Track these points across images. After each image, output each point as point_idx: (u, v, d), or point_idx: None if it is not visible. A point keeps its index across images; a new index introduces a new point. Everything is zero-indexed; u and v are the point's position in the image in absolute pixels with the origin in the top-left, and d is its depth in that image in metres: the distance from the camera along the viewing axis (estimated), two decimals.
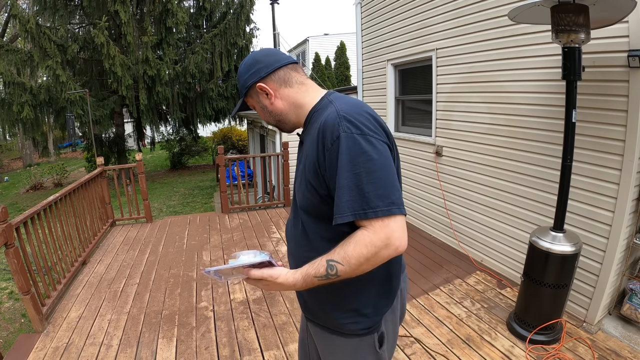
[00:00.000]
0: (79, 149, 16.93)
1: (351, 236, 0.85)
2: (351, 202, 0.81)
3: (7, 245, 2.34)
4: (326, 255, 0.87)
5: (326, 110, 0.93)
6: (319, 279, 0.87)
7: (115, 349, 2.30)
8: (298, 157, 1.09)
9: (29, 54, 9.32)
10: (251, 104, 1.07)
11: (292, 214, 1.09)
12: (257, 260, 0.90)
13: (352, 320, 0.99)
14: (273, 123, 1.07)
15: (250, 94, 1.03)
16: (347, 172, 0.82)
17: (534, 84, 2.62)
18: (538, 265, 2.19)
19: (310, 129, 0.98)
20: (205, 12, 11.38)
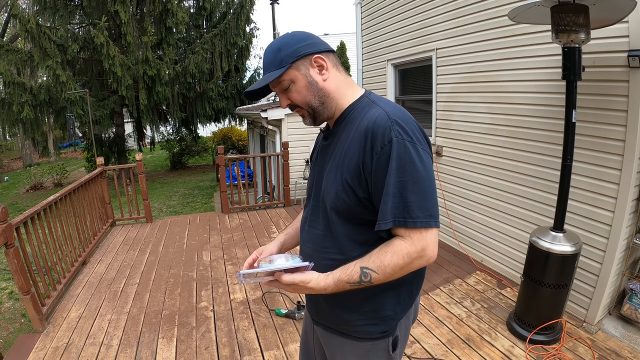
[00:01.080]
0: (79, 149, 16.93)
1: (387, 245, 0.85)
2: (394, 209, 0.82)
3: (7, 245, 2.34)
4: (359, 261, 0.86)
5: (370, 110, 0.90)
6: (351, 284, 0.86)
7: (115, 349, 2.30)
8: (322, 153, 1.01)
9: (29, 54, 9.33)
10: (291, 78, 0.91)
11: (310, 214, 1.03)
12: (294, 265, 0.87)
13: (369, 322, 0.97)
14: (314, 105, 0.94)
15: (298, 65, 0.91)
16: (395, 179, 0.82)
17: (534, 84, 2.62)
18: (538, 265, 2.19)
19: (346, 125, 0.94)
20: (205, 12, 11.39)
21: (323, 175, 0.97)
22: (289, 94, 0.94)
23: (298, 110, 0.96)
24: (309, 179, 1.10)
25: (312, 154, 1.15)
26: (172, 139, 13.43)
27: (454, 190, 3.54)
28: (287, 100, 0.95)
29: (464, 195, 3.43)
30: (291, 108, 0.97)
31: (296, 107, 0.96)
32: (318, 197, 0.99)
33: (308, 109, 0.95)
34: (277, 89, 0.95)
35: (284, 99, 0.96)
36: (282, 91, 0.94)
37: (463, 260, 3.36)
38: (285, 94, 0.95)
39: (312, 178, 1.06)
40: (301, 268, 0.89)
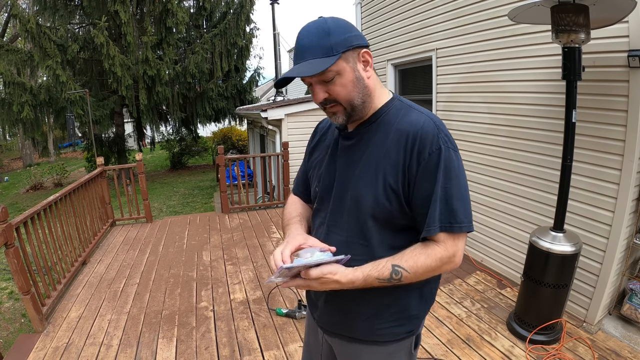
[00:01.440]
0: (79, 149, 16.93)
1: (422, 246, 0.86)
2: (441, 215, 0.83)
3: (7, 245, 2.34)
4: (390, 259, 0.84)
5: (410, 114, 0.88)
6: (380, 281, 0.84)
7: (115, 349, 2.30)
8: (343, 154, 0.95)
9: (29, 54, 9.33)
10: (338, 69, 0.82)
11: (329, 219, 0.96)
12: (335, 258, 0.82)
13: (395, 324, 0.95)
14: (355, 103, 0.86)
15: (347, 57, 0.82)
16: (442, 186, 0.84)
17: (534, 84, 2.62)
18: (538, 265, 2.19)
19: (380, 127, 0.90)
20: (205, 12, 11.39)
21: (349, 178, 0.91)
22: (330, 86, 0.83)
23: (332, 106, 0.87)
24: (319, 180, 1.00)
25: (314, 152, 1.07)
26: (172, 139, 13.42)
27: None
28: (325, 93, 0.84)
29: None
30: (324, 103, 0.87)
31: (331, 102, 0.86)
32: (342, 201, 0.92)
33: (347, 106, 0.86)
34: (315, 79, 0.83)
35: (321, 91, 0.84)
36: (321, 82, 0.83)
37: (463, 260, 3.34)
38: (324, 86, 0.84)
39: (328, 179, 0.97)
40: (340, 261, 0.83)
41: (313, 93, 0.86)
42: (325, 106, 0.88)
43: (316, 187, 1.01)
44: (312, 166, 1.06)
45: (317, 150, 1.06)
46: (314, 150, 1.08)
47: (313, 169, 1.05)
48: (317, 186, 1.01)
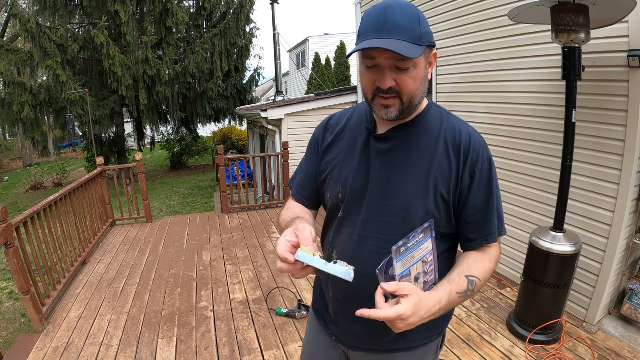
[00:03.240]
0: (79, 149, 16.93)
1: (479, 253, 0.87)
2: (497, 223, 0.88)
3: (7, 245, 2.34)
4: (458, 271, 0.81)
5: (450, 122, 0.87)
6: (460, 295, 0.78)
7: (115, 349, 2.30)
8: (378, 159, 0.87)
9: (29, 54, 9.33)
10: (418, 61, 0.76)
11: (363, 228, 0.87)
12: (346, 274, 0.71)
13: (429, 326, 0.84)
14: (416, 100, 0.81)
15: (426, 52, 0.77)
16: (494, 196, 0.87)
17: (534, 84, 2.62)
18: (538, 265, 2.19)
19: (423, 132, 0.86)
20: (205, 12, 11.39)
21: (392, 185, 0.85)
22: (402, 76, 0.76)
23: (391, 97, 0.78)
24: (344, 183, 0.90)
25: (329, 152, 0.96)
26: (172, 139, 13.42)
27: None
28: (393, 81, 0.76)
29: None
30: (386, 92, 0.78)
31: (393, 93, 0.78)
32: (381, 209, 0.85)
33: (406, 101, 0.79)
34: (392, 62, 0.74)
35: (390, 77, 0.76)
36: (394, 68, 0.75)
37: None
38: (394, 73, 0.76)
39: (359, 184, 0.88)
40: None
41: (382, 76, 0.76)
42: (382, 95, 0.79)
43: (339, 192, 0.91)
44: (330, 167, 0.94)
45: (333, 149, 0.95)
46: (329, 149, 0.96)
47: (331, 170, 0.94)
48: (340, 191, 0.90)
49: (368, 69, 0.78)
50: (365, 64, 0.78)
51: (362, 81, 0.82)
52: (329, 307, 0.99)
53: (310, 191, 1.01)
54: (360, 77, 0.82)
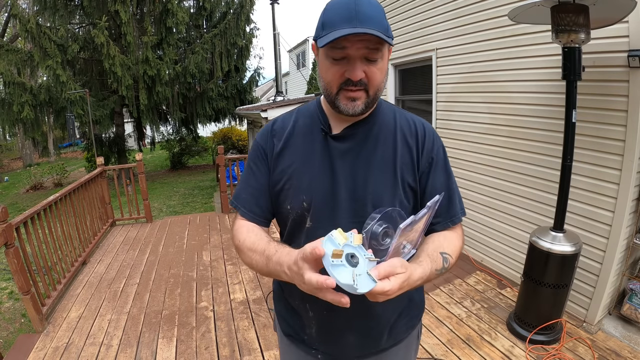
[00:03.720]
0: (79, 149, 16.93)
1: (448, 233, 0.89)
2: (459, 203, 0.93)
3: (7, 245, 2.34)
4: (432, 249, 0.80)
5: (401, 113, 0.91)
6: (437, 272, 0.77)
7: (115, 349, 2.30)
8: (340, 158, 0.85)
9: (29, 54, 9.33)
10: (384, 53, 0.77)
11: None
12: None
13: (410, 315, 0.97)
14: (379, 92, 0.81)
15: (388, 45, 0.77)
16: (452, 178, 0.92)
17: (534, 84, 2.62)
18: (538, 265, 2.19)
19: (381, 126, 0.87)
20: (205, 12, 11.38)
21: (362, 184, 0.83)
22: (371, 67, 0.76)
23: (358, 90, 0.77)
24: (308, 191, 0.85)
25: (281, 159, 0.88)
26: (172, 139, 13.42)
27: None
28: (363, 73, 0.76)
29: (463, 195, 3.39)
30: (356, 84, 0.77)
31: (361, 85, 0.77)
32: (357, 210, 0.83)
33: (372, 94, 0.79)
34: (364, 52, 0.74)
35: (360, 69, 0.75)
36: (364, 59, 0.75)
37: (463, 260, 3.36)
38: (364, 65, 0.75)
39: (326, 188, 0.84)
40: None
41: (352, 67, 0.75)
42: (350, 88, 0.77)
43: (303, 200, 0.84)
44: (286, 176, 0.87)
45: (286, 155, 0.88)
46: (280, 156, 0.88)
47: (288, 179, 0.86)
48: (304, 199, 0.84)
49: (335, 62, 0.76)
50: (333, 56, 0.75)
51: (326, 75, 0.79)
52: (311, 327, 0.92)
53: (264, 207, 0.91)
54: (324, 71, 0.79)
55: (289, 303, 0.97)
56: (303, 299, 0.91)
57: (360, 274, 0.58)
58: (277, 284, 1.03)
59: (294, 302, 0.95)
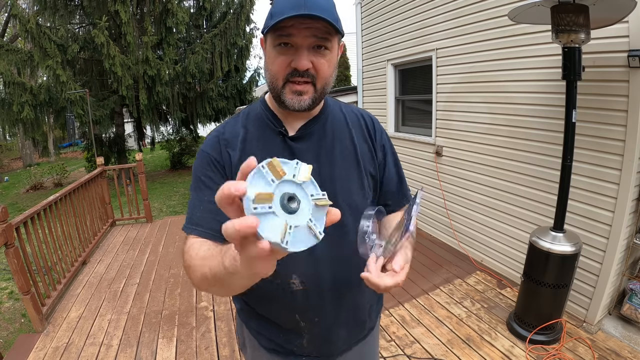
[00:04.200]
0: (79, 149, 16.93)
1: (394, 216, 0.91)
2: (406, 188, 0.98)
3: (7, 245, 2.34)
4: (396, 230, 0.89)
5: (345, 106, 0.94)
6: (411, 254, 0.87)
7: (115, 349, 2.30)
8: (309, 157, 0.82)
9: (29, 54, 9.32)
10: (333, 45, 0.75)
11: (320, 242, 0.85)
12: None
13: (377, 298, 1.02)
14: (327, 87, 0.79)
15: (338, 38, 0.76)
16: (399, 164, 0.97)
17: (534, 84, 2.62)
18: (538, 265, 2.19)
19: (333, 122, 0.86)
20: (205, 12, 11.38)
21: (331, 184, 0.82)
22: (319, 58, 0.73)
23: (305, 83, 0.74)
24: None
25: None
26: (172, 139, 13.41)
27: (454, 190, 3.54)
28: (310, 63, 0.73)
29: (464, 195, 3.42)
30: (299, 75, 0.73)
31: (307, 77, 0.74)
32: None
33: (319, 88, 0.77)
34: (311, 41, 0.71)
35: (306, 59, 0.72)
36: (311, 49, 0.72)
37: (463, 260, 3.35)
38: (312, 55, 0.73)
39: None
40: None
41: (299, 56, 0.72)
42: (296, 79, 0.74)
43: None
44: None
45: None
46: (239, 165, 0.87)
47: None
48: None
49: (281, 52, 0.73)
50: (279, 42, 0.72)
51: (272, 66, 0.75)
52: (302, 337, 0.88)
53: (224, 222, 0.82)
54: (270, 62, 0.75)
55: (264, 317, 0.90)
56: (292, 310, 0.85)
57: (298, 226, 0.40)
58: (240, 301, 0.95)
59: (273, 315, 0.89)
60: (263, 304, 0.89)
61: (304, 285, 0.82)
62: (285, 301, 0.84)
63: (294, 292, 0.82)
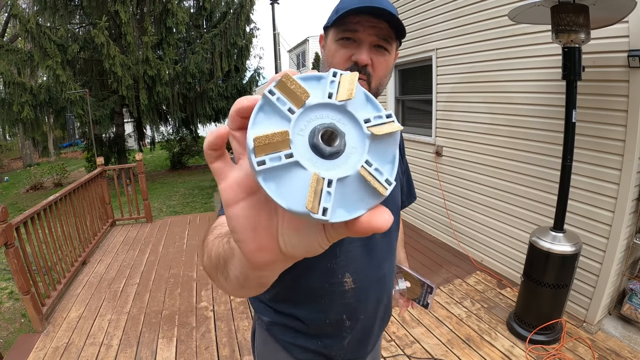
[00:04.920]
0: (79, 149, 16.93)
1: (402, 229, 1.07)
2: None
3: (7, 245, 2.34)
4: (400, 243, 1.02)
5: None
6: None
7: (115, 349, 2.30)
8: None
9: (29, 54, 9.32)
10: (393, 48, 0.76)
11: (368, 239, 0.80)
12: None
13: None
14: (381, 88, 0.79)
15: (397, 44, 0.78)
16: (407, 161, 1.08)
17: (534, 84, 2.62)
18: (538, 265, 2.19)
19: None
20: (205, 12, 11.38)
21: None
22: (379, 56, 0.74)
23: (362, 80, 0.72)
24: None
25: None
26: (172, 139, 13.42)
27: (454, 190, 3.54)
28: (370, 60, 0.73)
29: (464, 195, 3.42)
30: (359, 70, 0.72)
31: (364, 73, 0.73)
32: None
33: (375, 87, 0.76)
34: (375, 39, 0.72)
35: (367, 54, 0.72)
36: (373, 47, 0.73)
37: (463, 260, 3.35)
38: (373, 52, 0.73)
39: None
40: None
41: (360, 50, 0.72)
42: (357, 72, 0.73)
43: None
44: None
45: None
46: None
47: None
48: None
49: (343, 45, 0.73)
50: (343, 36, 0.73)
51: (332, 59, 0.75)
52: (344, 339, 0.85)
53: None
54: (330, 56, 0.75)
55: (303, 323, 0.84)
56: (341, 312, 0.81)
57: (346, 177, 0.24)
58: (271, 312, 0.86)
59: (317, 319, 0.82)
60: (308, 308, 0.81)
61: (355, 283, 0.79)
62: (336, 302, 0.80)
63: (346, 291, 0.79)
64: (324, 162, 0.24)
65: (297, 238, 0.25)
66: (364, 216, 0.23)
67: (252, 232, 0.26)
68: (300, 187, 0.23)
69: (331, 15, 0.77)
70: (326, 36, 0.78)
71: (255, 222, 0.26)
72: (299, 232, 0.25)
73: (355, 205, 0.24)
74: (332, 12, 0.77)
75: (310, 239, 0.25)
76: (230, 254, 0.35)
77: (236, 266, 0.34)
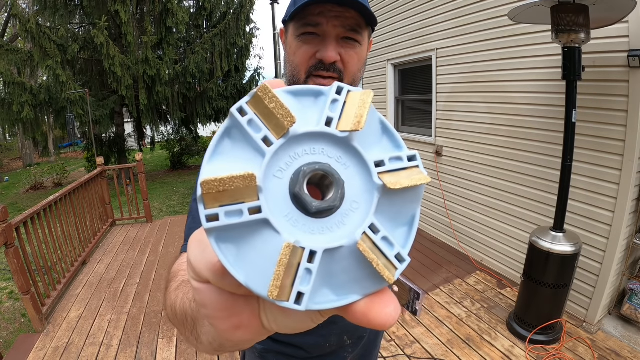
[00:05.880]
0: (79, 149, 16.93)
1: None
2: None
3: (7, 245, 2.34)
4: None
5: None
6: None
7: (115, 349, 2.30)
8: None
9: (29, 54, 9.33)
10: (364, 38, 0.67)
11: None
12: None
13: None
14: (356, 83, 0.70)
15: (369, 32, 0.69)
16: None
17: (534, 84, 2.62)
18: (538, 265, 2.19)
19: None
20: (205, 12, 11.39)
21: None
22: (349, 50, 0.65)
23: (330, 78, 0.65)
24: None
25: None
26: (172, 139, 13.42)
27: (454, 190, 3.54)
28: (338, 56, 0.64)
29: (464, 195, 3.42)
30: (325, 68, 0.64)
31: (333, 71, 0.65)
32: None
33: (348, 83, 0.66)
34: (341, 31, 0.63)
35: (334, 50, 0.63)
36: (340, 40, 0.64)
37: (463, 260, 3.35)
38: (339, 46, 0.64)
39: None
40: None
41: (326, 46, 0.63)
42: (321, 73, 0.64)
43: None
44: None
45: None
46: None
47: None
48: None
49: (305, 41, 0.64)
50: (305, 31, 0.63)
51: (294, 57, 0.66)
52: (345, 357, 0.83)
53: None
54: (292, 53, 0.66)
55: (302, 349, 0.79)
56: (342, 333, 0.79)
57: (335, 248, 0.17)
58: (264, 340, 0.71)
59: (316, 341, 0.78)
60: (308, 334, 0.73)
61: None
62: (337, 324, 0.76)
63: None
64: (307, 221, 0.17)
65: (284, 317, 0.20)
66: (360, 305, 0.17)
67: (226, 310, 0.20)
68: (270, 256, 0.16)
69: (289, 6, 0.66)
70: (286, 31, 0.68)
71: (230, 296, 0.19)
72: (287, 310, 0.19)
73: (347, 286, 0.17)
74: (290, 2, 0.67)
75: (301, 316, 0.19)
76: (200, 315, 0.28)
77: (208, 332, 0.28)
